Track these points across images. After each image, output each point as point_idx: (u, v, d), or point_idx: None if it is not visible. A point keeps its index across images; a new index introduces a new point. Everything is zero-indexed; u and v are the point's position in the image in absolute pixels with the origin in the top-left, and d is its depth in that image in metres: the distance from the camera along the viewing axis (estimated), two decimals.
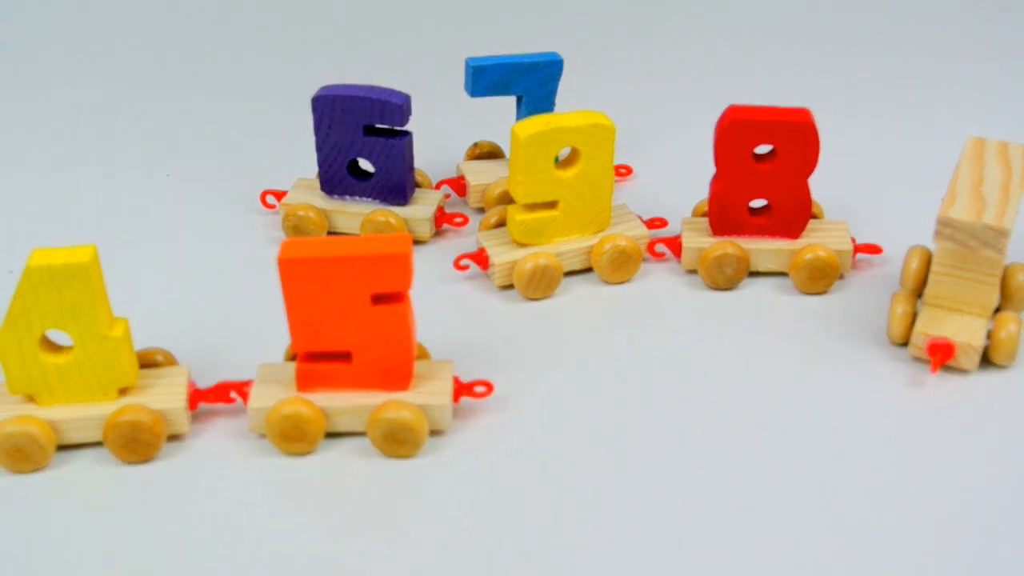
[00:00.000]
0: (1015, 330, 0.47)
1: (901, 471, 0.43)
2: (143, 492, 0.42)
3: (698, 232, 0.53)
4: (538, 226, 0.52)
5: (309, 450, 0.43)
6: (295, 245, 0.41)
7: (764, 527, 0.40)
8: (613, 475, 0.43)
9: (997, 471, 0.43)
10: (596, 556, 0.39)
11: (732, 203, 0.52)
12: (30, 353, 0.42)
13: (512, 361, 0.48)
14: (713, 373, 0.48)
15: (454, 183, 0.59)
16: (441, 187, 0.59)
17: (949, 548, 0.39)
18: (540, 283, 0.52)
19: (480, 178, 0.59)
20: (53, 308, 0.41)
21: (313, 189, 0.57)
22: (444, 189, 0.59)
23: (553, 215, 0.52)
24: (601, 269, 0.53)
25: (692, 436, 0.44)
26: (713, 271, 0.52)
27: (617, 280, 0.53)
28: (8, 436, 0.42)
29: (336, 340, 0.42)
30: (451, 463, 0.43)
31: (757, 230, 0.53)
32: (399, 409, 0.42)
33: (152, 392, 0.44)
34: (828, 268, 0.51)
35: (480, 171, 0.60)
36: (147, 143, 0.67)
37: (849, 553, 0.39)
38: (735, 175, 0.51)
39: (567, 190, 0.51)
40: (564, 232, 0.53)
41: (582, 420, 0.45)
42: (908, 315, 0.48)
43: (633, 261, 0.53)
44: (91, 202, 0.61)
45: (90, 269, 0.40)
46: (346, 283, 0.41)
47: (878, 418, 0.45)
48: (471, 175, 0.59)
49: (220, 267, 0.55)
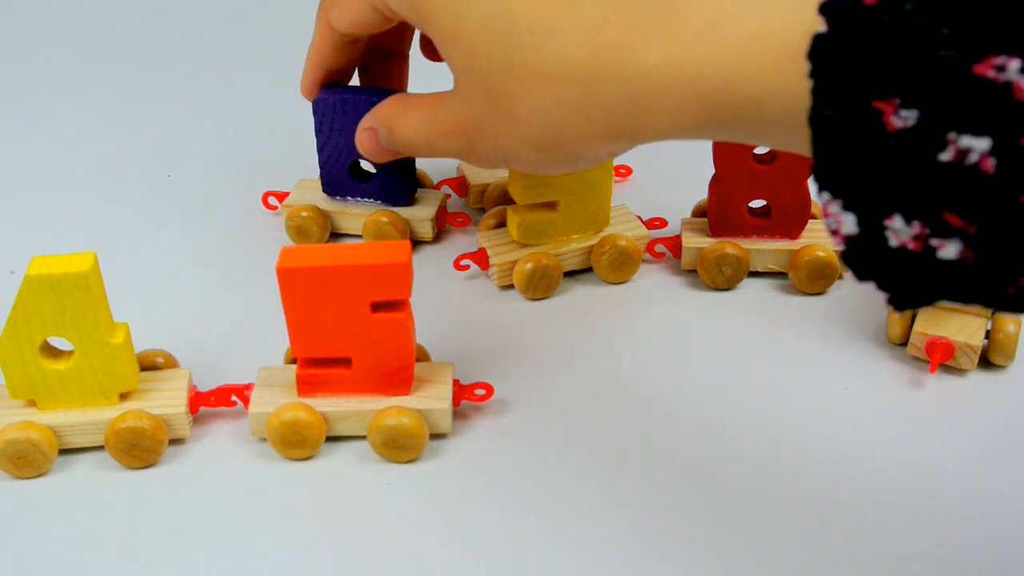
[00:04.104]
0: (1013, 330, 0.47)
1: (900, 471, 0.43)
2: (145, 497, 0.42)
3: (697, 232, 0.54)
4: (538, 226, 0.52)
5: (310, 455, 0.44)
6: (294, 253, 0.41)
7: (763, 527, 0.40)
8: (613, 476, 0.43)
9: (996, 471, 0.43)
10: (597, 556, 0.39)
11: (731, 203, 0.52)
12: (31, 359, 0.42)
13: (512, 361, 0.49)
14: (712, 373, 0.48)
15: (454, 183, 0.59)
16: (442, 187, 0.59)
17: (948, 548, 0.39)
18: (540, 283, 0.52)
19: (480, 178, 0.59)
20: (53, 316, 0.41)
21: (315, 190, 0.57)
22: (445, 189, 0.59)
23: (552, 216, 0.52)
24: (601, 269, 0.53)
25: (692, 436, 0.45)
26: (712, 271, 0.52)
27: (617, 280, 0.53)
28: (10, 442, 0.42)
29: (336, 347, 0.43)
30: (452, 467, 0.43)
31: (756, 230, 0.53)
32: (399, 415, 0.42)
33: (153, 396, 0.44)
34: (827, 268, 0.51)
35: (480, 171, 0.60)
36: (148, 143, 0.67)
37: (848, 553, 0.39)
38: (734, 176, 0.51)
39: (566, 191, 0.51)
40: (564, 232, 0.53)
41: (582, 421, 0.45)
42: (907, 315, 0.49)
43: (633, 261, 0.53)
44: (92, 201, 0.61)
45: (90, 278, 0.40)
46: (345, 291, 0.41)
47: (877, 418, 0.45)
48: (471, 175, 0.59)
49: (221, 267, 0.55)
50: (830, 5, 0.27)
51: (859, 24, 0.27)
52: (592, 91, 0.34)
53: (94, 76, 0.74)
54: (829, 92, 0.27)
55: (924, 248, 0.27)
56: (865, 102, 0.27)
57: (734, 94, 0.31)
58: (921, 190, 0.26)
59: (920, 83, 0.26)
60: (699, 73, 0.31)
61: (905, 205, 0.27)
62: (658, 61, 0.32)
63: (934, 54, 0.25)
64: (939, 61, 0.25)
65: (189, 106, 0.71)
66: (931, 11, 0.26)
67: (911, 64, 0.26)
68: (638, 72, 0.33)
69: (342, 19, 0.47)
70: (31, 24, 0.81)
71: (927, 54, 0.26)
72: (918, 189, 0.27)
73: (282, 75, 0.74)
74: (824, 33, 0.27)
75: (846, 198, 0.28)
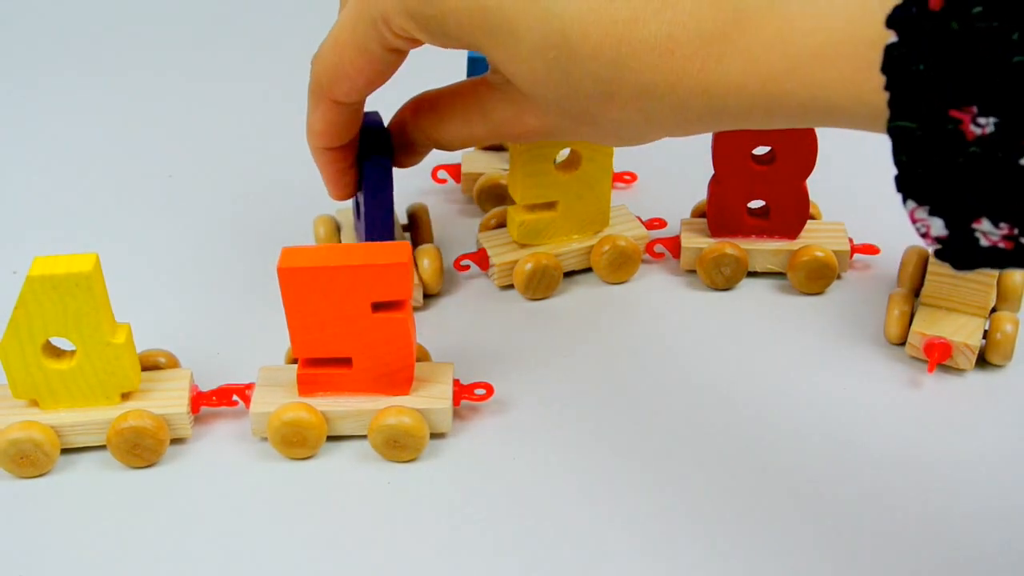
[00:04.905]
0: (1011, 330, 0.47)
1: (898, 471, 0.43)
2: (146, 496, 0.42)
3: (697, 233, 0.54)
4: (538, 227, 0.52)
5: (310, 455, 0.44)
6: (294, 253, 0.41)
7: (762, 526, 0.40)
8: (613, 476, 0.43)
9: (994, 471, 0.43)
10: (598, 557, 0.40)
11: (731, 204, 0.52)
12: (33, 359, 0.42)
13: (512, 361, 0.49)
14: (711, 373, 0.48)
15: (452, 169, 0.60)
16: (439, 172, 0.60)
17: (947, 548, 0.40)
18: (540, 283, 0.52)
19: (472, 167, 0.59)
20: (55, 316, 0.41)
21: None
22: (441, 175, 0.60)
23: (552, 216, 0.52)
24: (601, 269, 0.53)
25: (691, 436, 0.45)
26: (712, 271, 0.52)
27: (617, 280, 0.53)
28: (13, 442, 0.42)
29: (336, 347, 0.43)
30: (452, 466, 0.44)
31: (756, 231, 0.53)
32: (400, 415, 0.43)
33: (155, 396, 0.44)
34: (826, 269, 0.52)
35: (477, 160, 0.60)
36: (148, 143, 0.67)
37: (847, 553, 0.39)
38: (734, 176, 0.51)
39: (566, 191, 0.51)
40: (563, 233, 0.53)
41: (582, 421, 0.46)
42: (905, 315, 0.49)
43: (632, 261, 0.53)
44: (94, 202, 0.61)
45: (92, 278, 0.40)
46: (346, 292, 0.41)
47: (875, 418, 0.45)
48: (465, 163, 0.60)
49: (221, 267, 0.55)
50: (899, 12, 0.27)
51: (928, 32, 0.26)
52: (681, 108, 0.34)
53: (94, 76, 0.75)
54: (906, 104, 0.27)
55: (1016, 246, 0.27)
56: (942, 112, 0.27)
57: (817, 105, 0.31)
58: (1005, 194, 0.27)
59: (996, 91, 0.26)
60: (783, 88, 0.31)
61: (991, 209, 0.27)
62: (741, 80, 0.32)
63: (1007, 61, 0.25)
64: (1012, 68, 0.25)
65: (189, 106, 0.71)
66: (999, 17, 0.25)
67: (985, 72, 0.26)
68: (726, 90, 0.32)
69: (354, 87, 0.42)
70: (31, 24, 0.82)
71: (1000, 61, 0.26)
72: (1002, 193, 0.27)
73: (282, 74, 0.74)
74: (895, 44, 0.27)
75: (932, 204, 0.28)
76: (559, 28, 0.34)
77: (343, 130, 0.45)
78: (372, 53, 0.40)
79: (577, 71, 0.35)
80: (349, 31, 0.40)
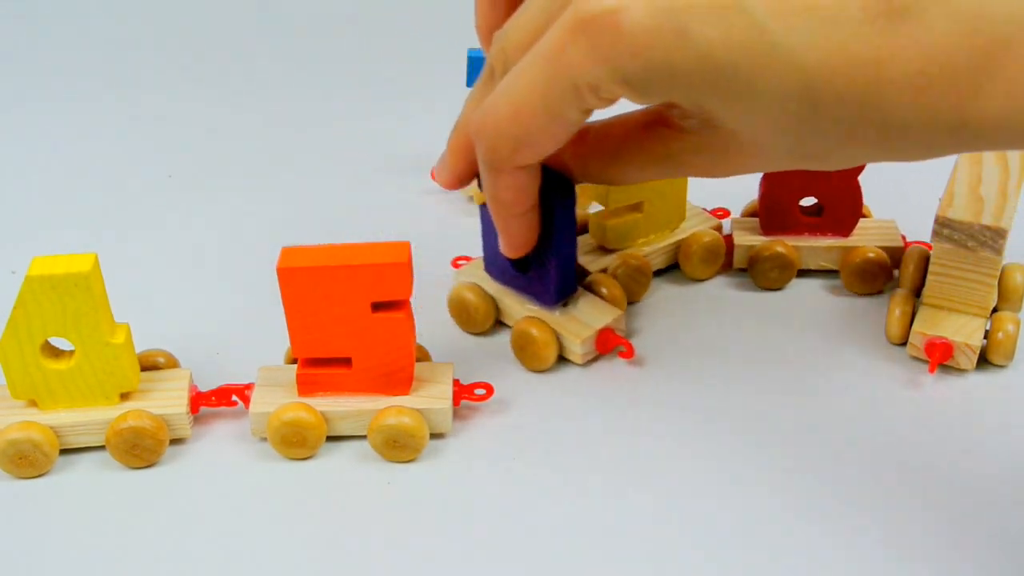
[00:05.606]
0: (1013, 330, 0.47)
1: (899, 471, 0.43)
2: (146, 496, 0.42)
3: (748, 231, 0.54)
4: (626, 229, 0.52)
5: (310, 455, 0.44)
6: (294, 253, 0.41)
7: (762, 526, 0.40)
8: (613, 475, 0.43)
9: (995, 471, 0.43)
10: (598, 557, 0.39)
11: (782, 201, 0.52)
12: (32, 359, 0.42)
13: (512, 361, 0.49)
14: (710, 372, 0.48)
15: None
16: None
17: (947, 548, 0.40)
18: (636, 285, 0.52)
19: None
20: (54, 316, 0.41)
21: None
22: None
23: (638, 217, 0.52)
24: (692, 266, 0.53)
25: (691, 435, 0.45)
26: (760, 272, 0.53)
27: (705, 276, 0.54)
28: (12, 442, 0.42)
29: (336, 347, 0.43)
30: (452, 466, 0.43)
31: (808, 228, 0.53)
32: (399, 415, 0.43)
33: (154, 396, 0.44)
34: (877, 267, 0.52)
35: None
36: (148, 143, 0.67)
37: (846, 552, 0.39)
38: (785, 173, 0.51)
39: (651, 190, 0.52)
40: (646, 232, 0.53)
41: (582, 421, 0.45)
42: (906, 315, 0.49)
43: (718, 257, 0.53)
44: (93, 201, 0.61)
45: (91, 278, 0.40)
46: (345, 292, 0.41)
47: (876, 418, 0.45)
48: None
49: (221, 267, 0.56)
50: None
51: None
52: (929, 143, 0.33)
53: (95, 76, 0.75)
54: None
55: None
56: None
57: None
58: None
59: None
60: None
61: None
62: (1002, 113, 0.30)
63: None
64: None
65: (189, 106, 0.71)
66: None
67: None
68: (982, 124, 0.31)
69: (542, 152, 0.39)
70: (32, 24, 0.82)
71: None
72: None
73: (282, 74, 0.75)
74: None
75: None
76: (802, 79, 0.32)
77: (532, 191, 0.42)
78: (568, 119, 0.37)
79: (820, 118, 0.33)
80: (539, 100, 0.36)
